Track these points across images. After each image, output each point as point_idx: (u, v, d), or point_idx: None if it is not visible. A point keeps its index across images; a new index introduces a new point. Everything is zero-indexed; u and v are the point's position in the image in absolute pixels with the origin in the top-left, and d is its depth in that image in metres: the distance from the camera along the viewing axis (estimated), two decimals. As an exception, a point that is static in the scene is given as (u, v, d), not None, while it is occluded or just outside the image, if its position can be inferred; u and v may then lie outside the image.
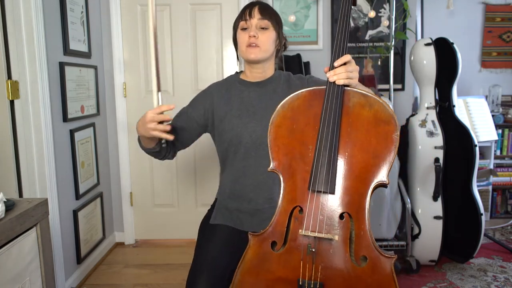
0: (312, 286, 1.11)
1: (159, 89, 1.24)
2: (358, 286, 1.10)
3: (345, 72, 1.15)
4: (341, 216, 1.12)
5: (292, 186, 1.18)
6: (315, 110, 1.18)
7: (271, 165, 1.20)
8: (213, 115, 1.45)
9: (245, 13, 1.39)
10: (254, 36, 1.37)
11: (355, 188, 1.13)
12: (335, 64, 1.17)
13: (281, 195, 1.18)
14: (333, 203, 1.13)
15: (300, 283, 1.13)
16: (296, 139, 1.19)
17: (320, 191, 1.13)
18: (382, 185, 1.13)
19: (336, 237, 1.11)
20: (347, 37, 1.21)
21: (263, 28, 1.38)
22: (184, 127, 1.45)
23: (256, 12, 1.38)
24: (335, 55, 1.19)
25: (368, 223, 1.11)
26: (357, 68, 1.20)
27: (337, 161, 1.14)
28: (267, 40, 1.39)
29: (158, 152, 1.39)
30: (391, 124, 1.13)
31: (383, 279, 1.10)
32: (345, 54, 1.18)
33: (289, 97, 1.22)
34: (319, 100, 1.19)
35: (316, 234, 1.11)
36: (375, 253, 1.11)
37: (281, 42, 1.47)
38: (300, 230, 1.13)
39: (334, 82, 1.16)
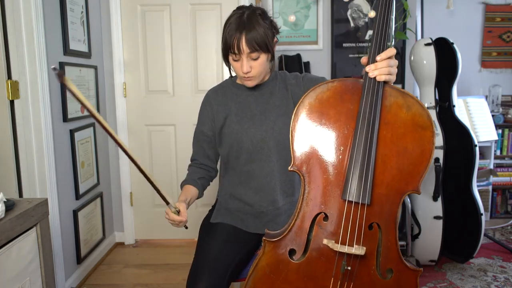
0: None
1: (167, 203, 1.26)
2: None
3: (387, 67, 1.04)
4: (370, 227, 1.04)
5: (316, 190, 1.06)
6: (348, 106, 1.05)
7: (292, 165, 1.09)
8: (215, 122, 1.45)
9: (233, 46, 1.27)
10: (248, 71, 1.30)
11: (387, 197, 1.04)
12: (378, 58, 1.05)
13: (302, 198, 1.07)
14: (365, 213, 1.03)
15: None
16: (324, 137, 1.06)
17: (358, 203, 1.02)
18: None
19: (364, 249, 1.02)
20: (388, 28, 1.09)
21: (254, 59, 1.30)
22: (210, 145, 1.47)
23: (244, 46, 1.26)
24: (377, 48, 1.07)
25: (396, 233, 1.03)
26: (397, 62, 1.08)
27: (374, 167, 1.02)
28: (260, 66, 1.32)
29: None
30: (428, 130, 1.02)
31: None
32: (386, 47, 1.06)
33: (316, 87, 1.08)
34: (352, 94, 1.06)
35: (352, 251, 1.01)
36: (401, 266, 1.04)
37: (274, 52, 1.38)
38: (325, 240, 1.04)
39: (374, 77, 1.04)
